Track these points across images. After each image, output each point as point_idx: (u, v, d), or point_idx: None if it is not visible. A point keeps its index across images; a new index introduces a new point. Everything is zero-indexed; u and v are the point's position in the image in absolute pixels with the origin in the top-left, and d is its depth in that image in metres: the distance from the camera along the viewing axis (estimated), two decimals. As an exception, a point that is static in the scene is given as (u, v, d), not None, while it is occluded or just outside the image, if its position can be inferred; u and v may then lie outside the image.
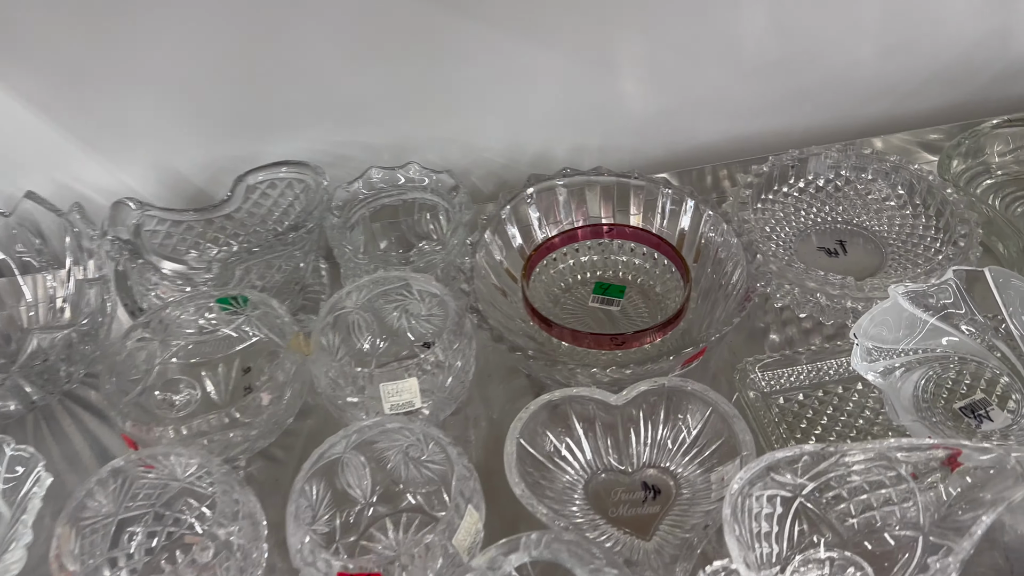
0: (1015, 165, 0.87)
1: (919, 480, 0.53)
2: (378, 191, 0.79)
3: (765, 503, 0.53)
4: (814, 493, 0.54)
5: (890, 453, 0.52)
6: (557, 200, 0.80)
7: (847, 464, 0.53)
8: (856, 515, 0.55)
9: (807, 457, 0.53)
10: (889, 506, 0.54)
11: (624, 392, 0.64)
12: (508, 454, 0.61)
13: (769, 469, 0.53)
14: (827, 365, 0.70)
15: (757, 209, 0.82)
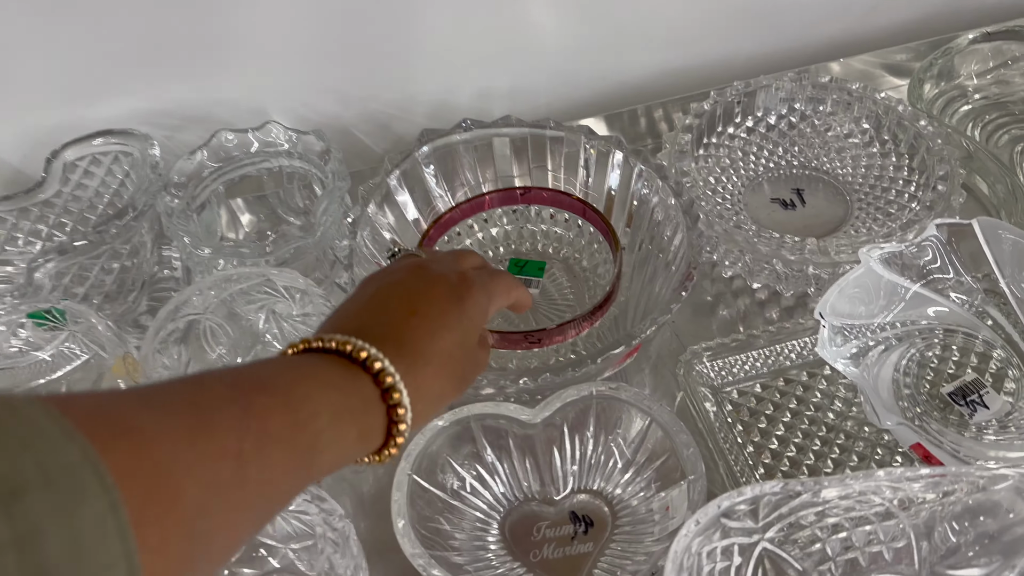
0: (995, 87, 0.74)
1: (909, 511, 0.41)
2: (231, 160, 0.63)
3: (719, 556, 0.41)
4: (780, 535, 0.42)
5: (875, 488, 0.40)
6: (458, 160, 0.65)
7: (822, 501, 0.41)
8: (834, 557, 0.43)
9: (770, 496, 0.40)
10: (875, 545, 0.42)
11: (542, 405, 0.52)
12: (397, 499, 0.48)
13: (723, 515, 0.40)
14: (788, 348, 0.58)
15: (699, 157, 0.69)
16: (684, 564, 0.38)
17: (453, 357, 0.35)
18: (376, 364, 0.31)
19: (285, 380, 0.29)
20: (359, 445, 0.31)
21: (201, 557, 0.23)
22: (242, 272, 0.56)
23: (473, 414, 0.51)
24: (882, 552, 0.42)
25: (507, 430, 0.52)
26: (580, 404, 0.52)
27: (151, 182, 0.58)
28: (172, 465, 0.23)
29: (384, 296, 0.36)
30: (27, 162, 0.68)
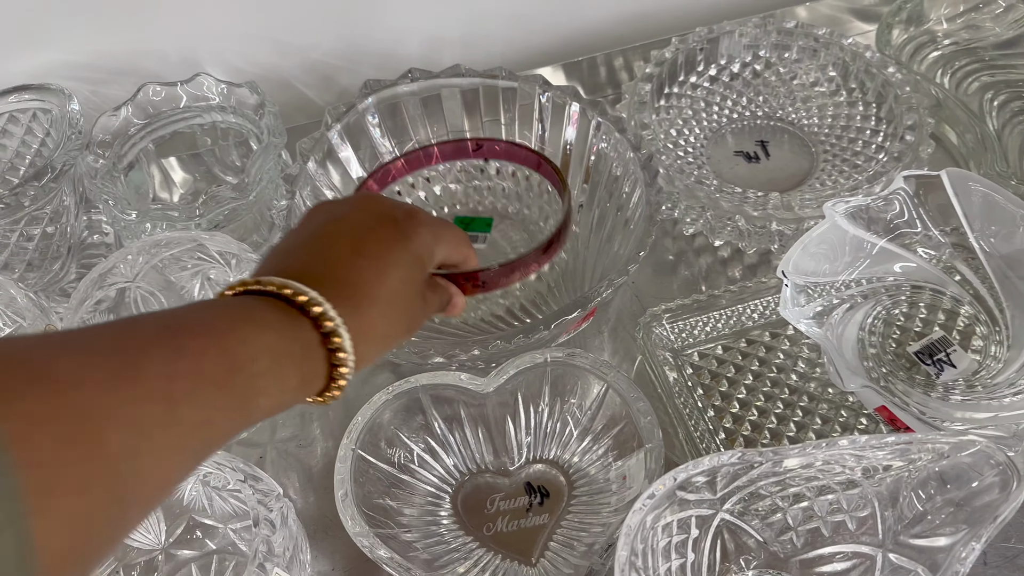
0: (966, 32, 0.71)
1: (873, 479, 0.39)
2: (159, 115, 0.59)
3: (675, 529, 0.39)
4: (739, 506, 0.41)
5: (838, 457, 0.38)
6: (406, 113, 0.61)
7: (783, 471, 0.39)
8: (795, 527, 0.41)
9: (727, 467, 0.38)
10: (838, 515, 0.41)
11: (494, 373, 0.49)
12: (339, 476, 0.45)
13: (679, 487, 0.38)
14: (750, 308, 0.55)
15: (659, 108, 0.65)
16: (639, 539, 0.36)
17: (400, 296, 0.34)
18: (316, 308, 0.30)
19: (221, 323, 0.28)
20: (300, 389, 0.30)
21: (131, 497, 0.23)
22: (172, 236, 0.53)
23: (422, 384, 0.49)
24: (845, 521, 0.40)
25: (458, 400, 0.50)
26: (534, 371, 0.49)
27: (71, 141, 0.53)
28: (93, 409, 0.23)
29: (328, 233, 0.34)
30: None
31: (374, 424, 0.48)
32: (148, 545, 0.47)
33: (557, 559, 0.46)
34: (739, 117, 0.67)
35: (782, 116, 0.67)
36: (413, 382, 0.49)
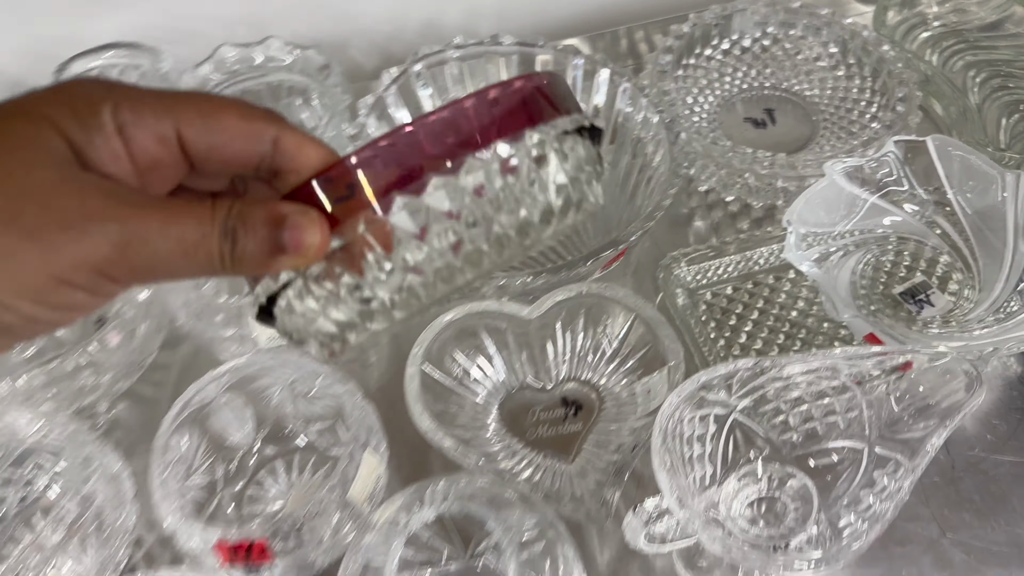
0: (953, 15, 0.79)
1: (863, 386, 0.48)
2: (233, 74, 0.66)
3: (698, 424, 0.47)
4: (749, 408, 0.49)
5: (833, 364, 0.46)
6: (452, 77, 0.68)
7: (786, 377, 0.47)
8: (796, 427, 0.50)
9: (743, 372, 0.46)
10: (831, 416, 0.49)
11: (538, 303, 0.57)
12: (410, 385, 0.53)
13: (702, 388, 0.46)
14: (757, 254, 0.63)
15: (678, 77, 0.73)
16: (669, 427, 0.44)
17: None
18: None
19: None
20: None
21: None
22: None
23: (476, 311, 0.56)
24: (837, 422, 0.48)
25: (506, 326, 0.58)
26: (571, 303, 0.57)
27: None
28: None
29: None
30: (28, 75, 0.70)
31: (436, 343, 0.55)
32: (240, 444, 0.55)
33: (591, 457, 0.54)
34: (748, 87, 0.75)
35: (787, 87, 0.75)
36: (468, 310, 0.56)
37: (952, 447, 0.56)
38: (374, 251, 0.25)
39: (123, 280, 0.23)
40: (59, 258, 0.21)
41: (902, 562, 0.52)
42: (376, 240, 0.24)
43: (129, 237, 0.22)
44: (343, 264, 0.25)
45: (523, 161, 0.26)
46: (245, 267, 0.24)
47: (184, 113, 0.25)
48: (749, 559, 0.42)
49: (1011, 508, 0.53)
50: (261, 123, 0.25)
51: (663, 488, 0.43)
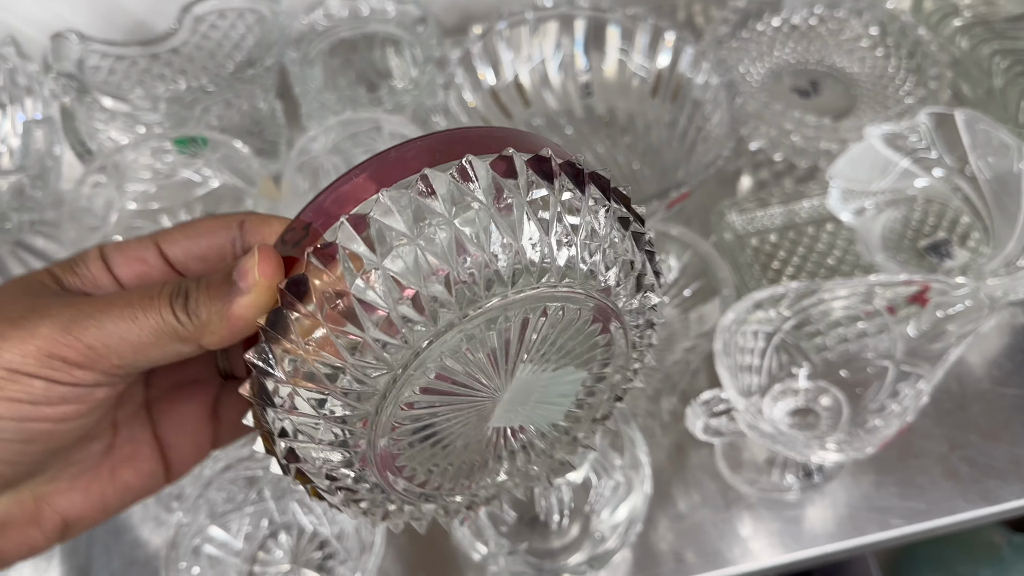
0: (984, 7, 0.86)
1: (895, 314, 0.55)
2: (337, 23, 0.74)
3: (749, 338, 0.55)
4: (794, 328, 0.57)
5: (871, 288, 0.54)
6: (531, 36, 0.76)
7: (827, 300, 0.55)
8: (832, 347, 0.58)
9: (791, 293, 0.54)
10: (864, 339, 0.57)
11: (607, 235, 0.65)
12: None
13: (756, 306, 0.54)
14: (799, 207, 0.71)
15: (732, 48, 0.80)
16: (728, 334, 0.52)
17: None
18: None
19: None
20: None
21: None
22: (356, 118, 0.68)
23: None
24: (868, 343, 0.57)
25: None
26: (636, 237, 0.65)
27: (281, 37, 0.68)
28: None
29: None
30: (149, 14, 0.77)
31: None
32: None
33: (649, 373, 0.62)
34: (795, 61, 0.82)
35: (830, 63, 0.82)
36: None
37: (963, 379, 0.64)
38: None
39: (80, 361, 0.23)
40: (7, 347, 0.22)
41: (915, 471, 0.60)
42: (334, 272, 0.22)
43: (74, 315, 0.23)
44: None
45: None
46: (203, 319, 0.23)
47: (162, 234, 0.26)
48: (791, 439, 0.50)
49: (1012, 432, 0.61)
50: (228, 217, 0.26)
51: (724, 382, 0.51)
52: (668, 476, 0.60)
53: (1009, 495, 0.59)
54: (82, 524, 0.26)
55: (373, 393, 0.22)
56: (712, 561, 0.57)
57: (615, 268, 0.24)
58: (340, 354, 0.22)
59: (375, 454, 0.24)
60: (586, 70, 0.76)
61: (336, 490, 0.25)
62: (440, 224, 0.21)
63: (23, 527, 0.25)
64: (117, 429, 0.27)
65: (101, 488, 0.26)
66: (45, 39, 0.67)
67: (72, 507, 0.26)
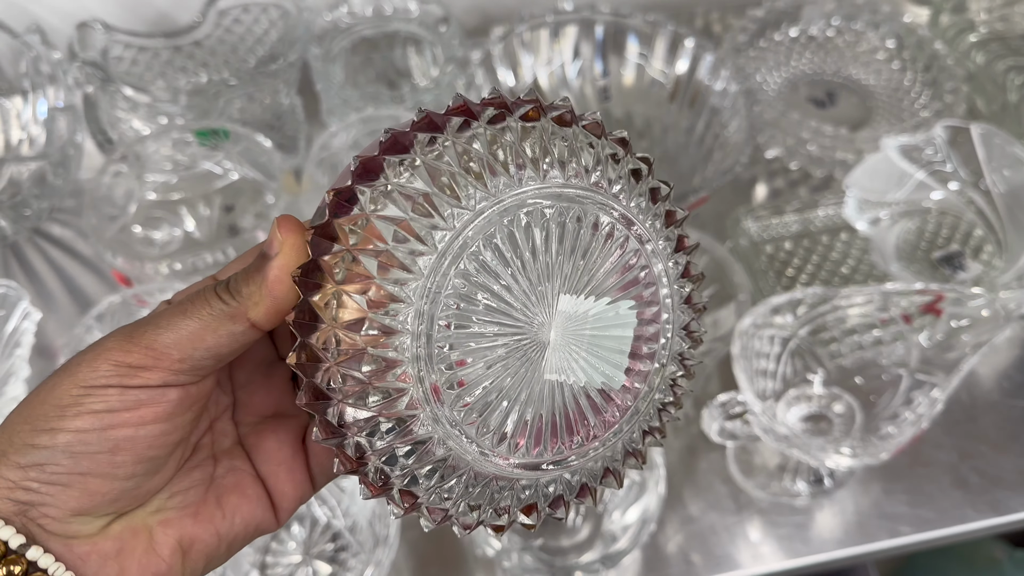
0: (1000, 24, 0.87)
1: (910, 323, 0.56)
2: (359, 21, 0.74)
3: (766, 342, 0.56)
4: (809, 334, 0.57)
5: (888, 296, 0.54)
6: (551, 40, 0.76)
7: (844, 307, 0.56)
8: (847, 354, 0.58)
9: (808, 299, 0.55)
10: (879, 346, 0.57)
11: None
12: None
13: (773, 311, 0.55)
14: (814, 215, 0.72)
15: (750, 56, 0.81)
16: (746, 338, 0.52)
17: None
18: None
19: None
20: None
21: None
22: (377, 115, 0.68)
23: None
24: (883, 351, 0.57)
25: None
26: (652, 240, 0.66)
27: (305, 33, 0.68)
28: None
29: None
30: (173, 7, 0.78)
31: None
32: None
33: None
34: (812, 71, 0.83)
35: (847, 75, 0.83)
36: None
37: (973, 391, 0.64)
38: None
39: (143, 363, 0.24)
40: (80, 369, 0.25)
41: (925, 480, 0.60)
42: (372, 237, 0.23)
43: (135, 327, 0.25)
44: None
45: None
46: (244, 293, 0.24)
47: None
48: (806, 442, 0.51)
49: (1021, 443, 0.62)
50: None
51: (741, 384, 0.51)
52: (680, 479, 0.60)
53: (1018, 506, 0.59)
54: (200, 549, 0.27)
55: (418, 278, 0.23)
56: (721, 564, 0.58)
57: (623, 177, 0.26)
58: (383, 239, 0.23)
59: (434, 393, 0.24)
60: (604, 74, 0.77)
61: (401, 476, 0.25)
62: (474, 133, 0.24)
63: (141, 555, 0.26)
64: (217, 461, 0.28)
65: (210, 514, 0.27)
66: (69, 29, 0.67)
67: (184, 531, 0.27)
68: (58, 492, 0.24)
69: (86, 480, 0.24)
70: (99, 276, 0.69)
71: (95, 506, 0.25)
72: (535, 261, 0.25)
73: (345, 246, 0.23)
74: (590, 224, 0.25)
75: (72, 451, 0.24)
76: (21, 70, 0.68)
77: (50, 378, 0.25)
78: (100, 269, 0.70)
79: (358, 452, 0.24)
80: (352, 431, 0.24)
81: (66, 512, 0.24)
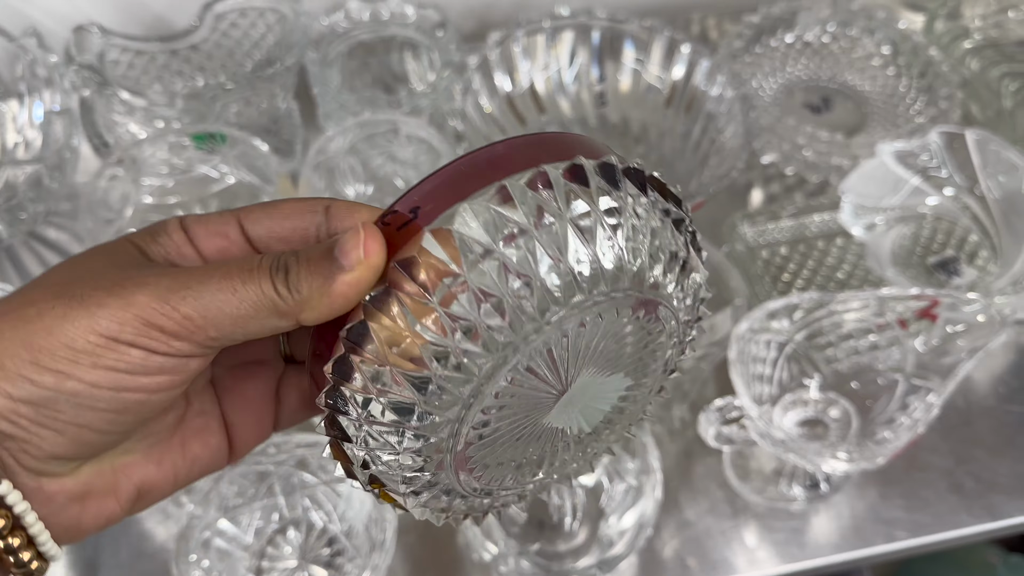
0: (994, 30, 0.87)
1: (906, 328, 0.56)
2: (356, 25, 0.74)
3: (762, 347, 0.56)
4: (806, 339, 0.57)
5: (884, 301, 0.54)
6: (547, 45, 0.77)
7: (840, 312, 0.56)
8: (843, 359, 0.58)
9: (805, 304, 0.55)
10: (875, 351, 0.57)
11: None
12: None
13: (770, 315, 0.55)
14: (809, 221, 0.72)
15: (746, 62, 0.81)
16: (742, 344, 0.53)
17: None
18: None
19: None
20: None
21: None
22: (375, 119, 0.68)
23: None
24: (879, 356, 0.57)
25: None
26: (649, 245, 0.66)
27: (303, 37, 0.68)
28: None
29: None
30: (169, 11, 0.78)
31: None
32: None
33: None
34: (807, 77, 0.83)
35: (842, 81, 0.83)
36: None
37: (969, 396, 0.65)
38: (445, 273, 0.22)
39: (177, 332, 0.23)
40: (104, 315, 0.22)
41: (921, 485, 0.60)
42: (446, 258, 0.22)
43: (171, 285, 0.23)
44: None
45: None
46: (304, 294, 0.23)
47: (244, 211, 0.26)
48: (802, 447, 0.51)
49: (1017, 448, 0.62)
50: (313, 200, 0.26)
51: (738, 389, 0.51)
52: (676, 483, 0.60)
53: (1014, 511, 0.59)
54: (153, 495, 0.26)
55: (469, 380, 0.23)
56: (718, 568, 0.58)
57: (661, 262, 0.24)
58: (447, 335, 0.22)
59: (453, 458, 0.24)
60: (601, 79, 0.77)
61: (412, 494, 0.25)
62: (552, 222, 0.22)
63: (102, 497, 0.25)
64: (189, 402, 0.27)
65: (172, 460, 0.27)
66: (65, 32, 0.67)
67: (146, 478, 0.26)
68: (48, 436, 0.23)
69: (81, 431, 0.23)
70: (95, 280, 0.69)
71: (78, 453, 0.24)
72: (567, 359, 0.24)
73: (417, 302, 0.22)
74: (627, 314, 0.24)
75: (78, 402, 0.22)
76: (17, 73, 0.67)
77: (62, 299, 0.22)
78: (96, 273, 0.69)
79: (362, 464, 0.25)
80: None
81: (47, 454, 0.23)
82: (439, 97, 0.72)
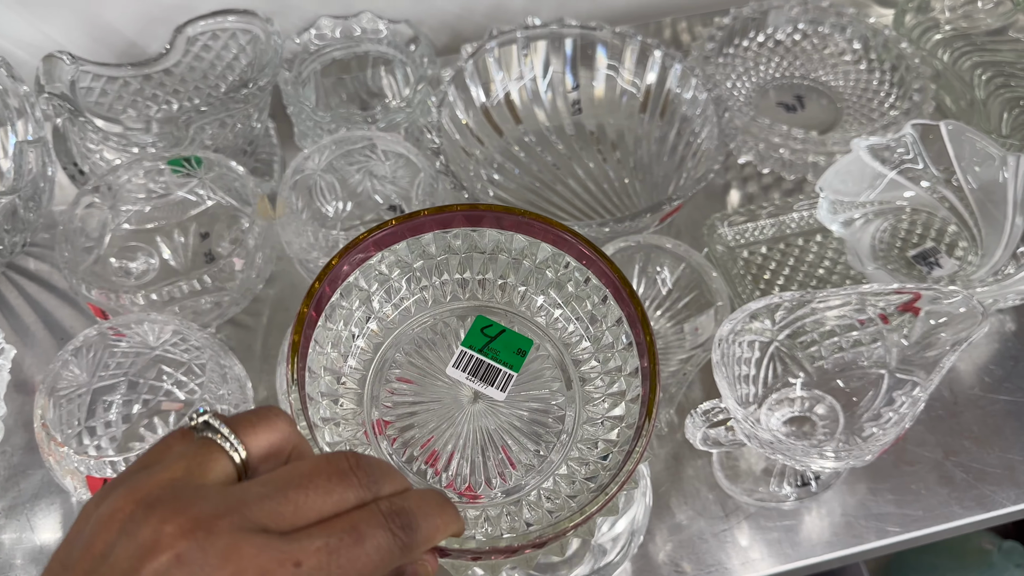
0: (963, 21, 0.88)
1: (888, 323, 0.56)
2: (329, 43, 0.74)
3: (746, 348, 0.56)
4: (789, 338, 0.57)
5: (864, 297, 0.54)
6: (520, 55, 0.77)
7: (821, 309, 0.56)
8: (827, 357, 0.58)
9: (786, 303, 0.55)
10: (858, 347, 0.57)
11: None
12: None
13: (751, 316, 0.55)
14: (788, 219, 0.72)
15: (719, 64, 0.82)
16: (724, 346, 0.53)
17: None
18: None
19: None
20: None
21: None
22: (351, 135, 0.68)
23: (547, 254, 0.65)
24: (863, 352, 0.57)
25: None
26: (629, 251, 0.66)
27: (276, 57, 0.68)
28: None
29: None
30: (141, 36, 0.78)
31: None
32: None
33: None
34: (780, 76, 0.84)
35: (815, 78, 0.84)
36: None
37: (955, 387, 0.65)
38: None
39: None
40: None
41: (911, 478, 0.61)
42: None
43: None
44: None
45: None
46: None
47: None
48: (790, 446, 0.51)
49: (1004, 437, 0.62)
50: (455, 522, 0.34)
51: (722, 392, 0.51)
52: (666, 487, 0.60)
53: (1004, 500, 0.59)
54: None
55: None
56: (712, 572, 0.57)
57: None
58: None
59: None
60: (575, 87, 0.77)
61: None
62: None
63: None
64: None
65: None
66: (36, 61, 0.67)
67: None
68: None
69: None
70: (76, 309, 0.69)
71: None
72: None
73: None
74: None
75: None
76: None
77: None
78: (76, 302, 0.69)
79: None
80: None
81: None
82: (415, 111, 0.72)
